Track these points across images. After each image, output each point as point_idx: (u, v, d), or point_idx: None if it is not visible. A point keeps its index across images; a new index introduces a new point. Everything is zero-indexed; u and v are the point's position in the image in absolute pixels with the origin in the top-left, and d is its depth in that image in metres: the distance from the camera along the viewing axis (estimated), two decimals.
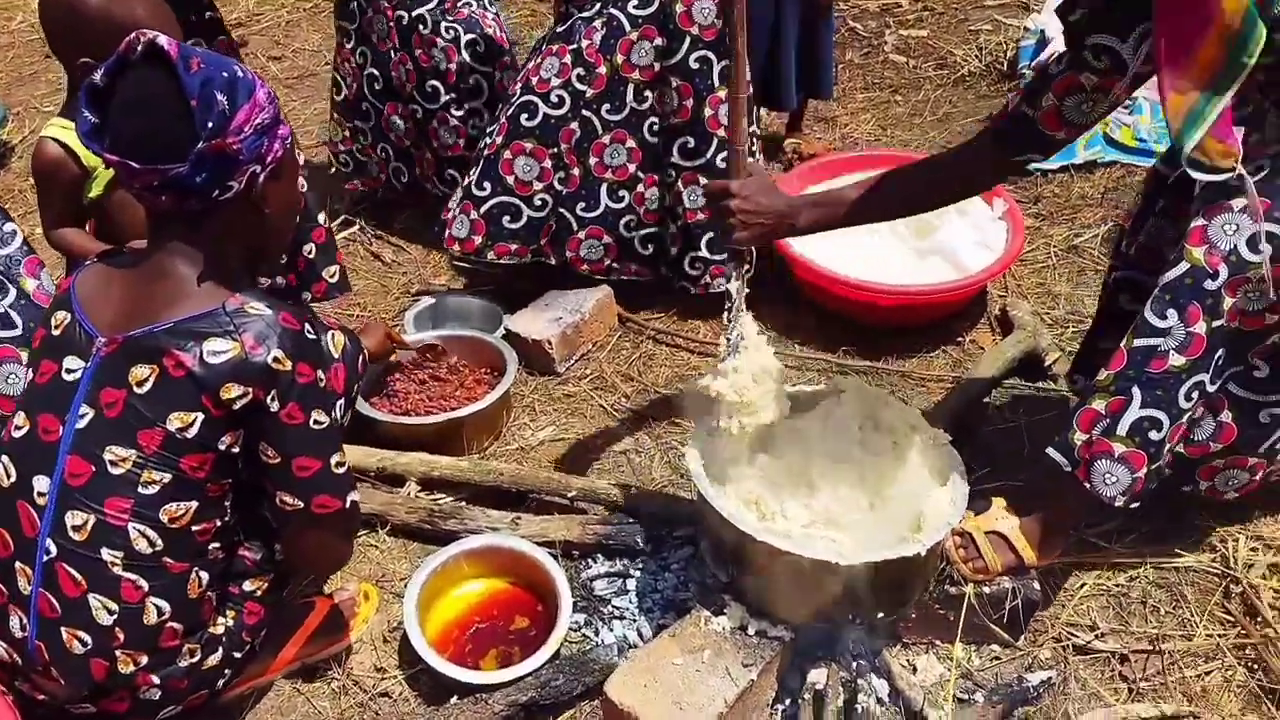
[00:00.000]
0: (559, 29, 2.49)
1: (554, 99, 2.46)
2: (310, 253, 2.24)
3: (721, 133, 2.45)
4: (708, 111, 2.45)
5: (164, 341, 1.36)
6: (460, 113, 2.84)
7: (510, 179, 2.50)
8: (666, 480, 2.19)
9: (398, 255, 3.06)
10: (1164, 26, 1.37)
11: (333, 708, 1.75)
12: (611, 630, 1.84)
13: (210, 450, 1.40)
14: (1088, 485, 1.60)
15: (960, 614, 1.73)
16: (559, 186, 2.52)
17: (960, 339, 2.57)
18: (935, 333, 2.57)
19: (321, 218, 2.28)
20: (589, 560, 1.98)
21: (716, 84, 2.44)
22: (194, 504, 1.43)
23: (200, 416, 1.37)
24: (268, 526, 1.56)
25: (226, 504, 1.49)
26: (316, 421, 1.42)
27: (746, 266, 1.79)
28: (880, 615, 1.65)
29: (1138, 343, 1.51)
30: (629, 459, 2.27)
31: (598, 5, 2.44)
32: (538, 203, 2.52)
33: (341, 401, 1.63)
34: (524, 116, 2.48)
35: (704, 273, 2.60)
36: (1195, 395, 1.52)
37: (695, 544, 1.96)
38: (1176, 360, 1.50)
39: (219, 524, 1.48)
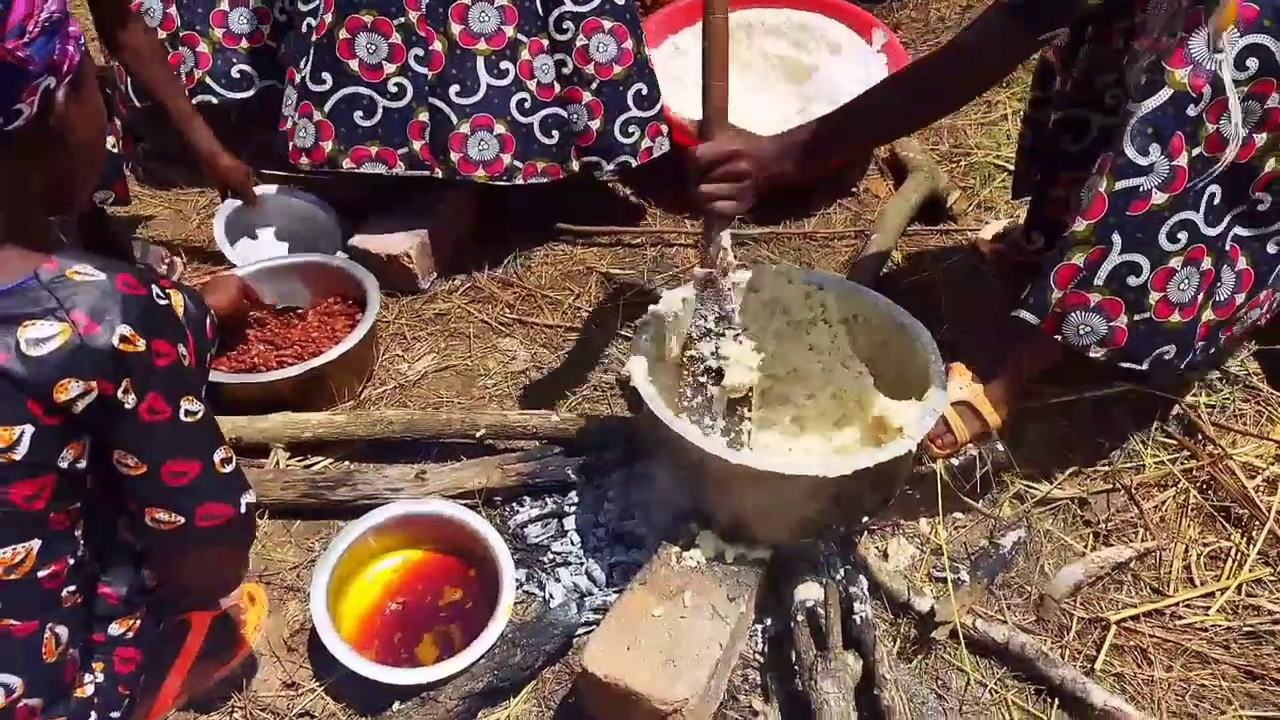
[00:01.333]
0: None
1: None
2: (114, 147, 1.91)
3: None
4: None
5: None
6: None
7: (353, 63, 1.98)
8: (580, 397, 1.93)
9: (189, 172, 2.50)
10: None
11: None
12: (559, 581, 1.61)
13: (48, 472, 1.05)
14: (1060, 339, 1.48)
15: (934, 492, 1.62)
16: (418, 66, 2.00)
17: (854, 189, 2.40)
18: (828, 186, 2.39)
19: None
20: (514, 505, 1.72)
21: None
22: (35, 544, 1.07)
23: (28, 430, 1.01)
24: (131, 549, 1.22)
25: (78, 534, 1.13)
26: (188, 412, 1.09)
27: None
28: (866, 519, 1.50)
29: (1119, 185, 1.36)
30: (529, 378, 1.99)
31: None
32: (393, 89, 2.01)
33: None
34: None
35: (641, 136, 2.14)
36: (1183, 237, 1.39)
37: (631, 463, 1.73)
38: (1159, 199, 1.37)
39: (71, 562, 1.13)
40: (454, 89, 2.02)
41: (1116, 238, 1.39)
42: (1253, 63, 1.32)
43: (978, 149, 2.48)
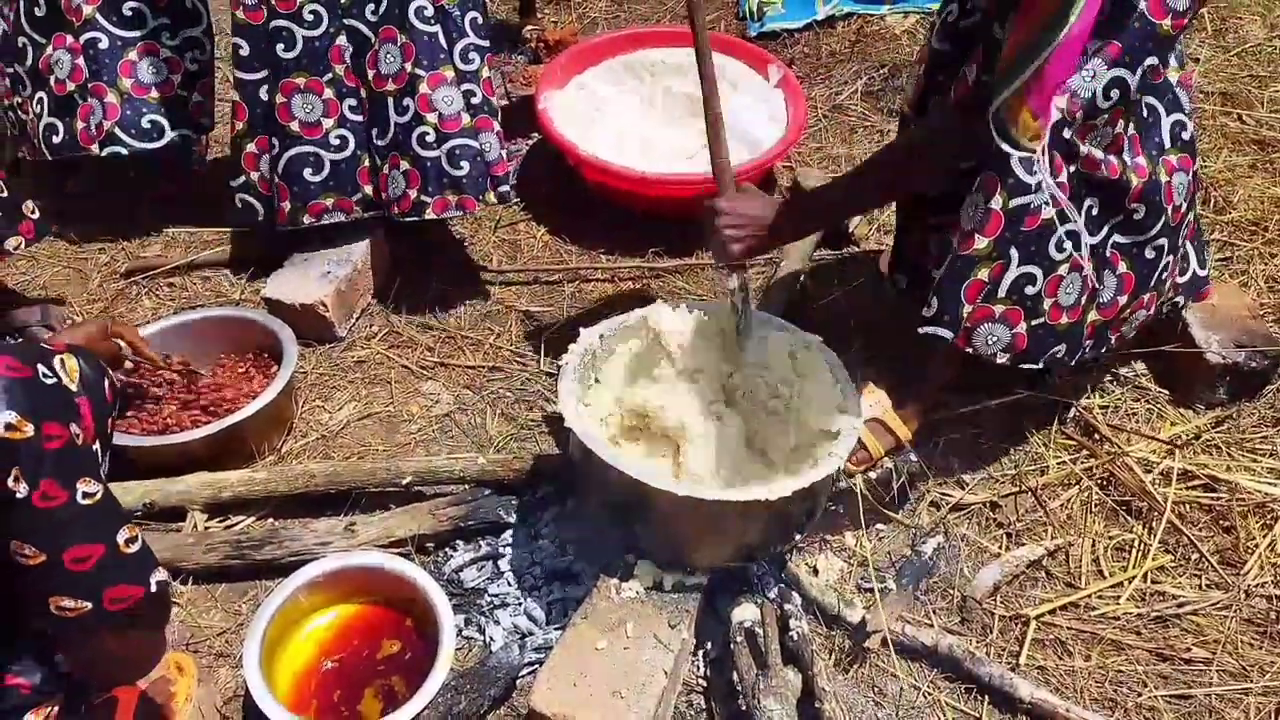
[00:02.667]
0: None
1: (308, 17, 1.99)
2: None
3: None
4: None
5: None
6: (175, 42, 2.25)
7: (294, 125, 2.05)
8: (506, 435, 1.93)
9: (86, 227, 2.42)
10: None
11: None
12: (498, 624, 1.60)
13: None
14: (970, 350, 1.56)
15: (855, 506, 1.67)
16: (352, 116, 2.08)
17: None
18: None
19: None
20: (448, 550, 1.71)
21: None
22: None
23: None
24: (40, 635, 1.15)
25: None
26: (86, 494, 1.03)
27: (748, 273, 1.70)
28: (797, 536, 1.55)
29: (1013, 203, 1.45)
30: (455, 421, 1.98)
31: None
32: (334, 142, 2.08)
33: (95, 448, 1.21)
34: (280, 48, 2.00)
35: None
36: (1068, 247, 1.50)
37: (563, 501, 1.75)
38: (1048, 213, 1.47)
39: None
40: (374, 132, 2.08)
41: (1014, 251, 1.49)
42: (1115, 93, 1.45)
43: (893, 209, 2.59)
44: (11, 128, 2.29)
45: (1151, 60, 1.46)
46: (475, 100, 2.09)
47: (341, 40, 2.04)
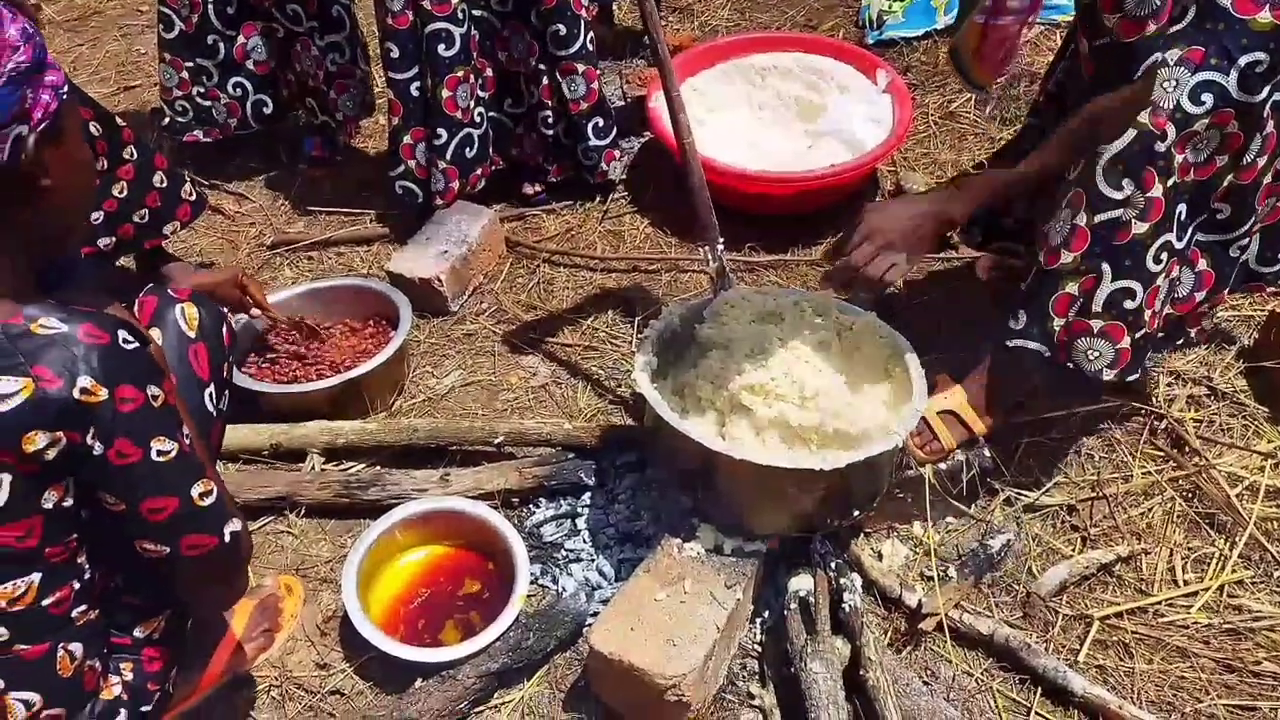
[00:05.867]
0: None
1: (459, 15, 2.25)
2: (161, 181, 2.09)
3: (584, 15, 2.37)
4: None
5: None
6: (322, 43, 2.53)
7: (458, 114, 2.34)
8: (594, 409, 2.06)
9: (240, 205, 2.71)
10: None
11: (277, 718, 1.56)
12: (571, 575, 1.72)
13: (34, 514, 1.09)
14: (1070, 365, 1.58)
15: (923, 496, 1.71)
16: (481, 93, 2.40)
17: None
18: (836, 216, 2.51)
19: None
20: (531, 506, 1.84)
21: None
22: (36, 576, 1.13)
23: (6, 478, 1.06)
24: (146, 561, 1.25)
25: (80, 560, 1.19)
26: (160, 453, 1.11)
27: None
28: (856, 513, 1.60)
29: (1099, 218, 1.47)
30: (549, 392, 2.12)
31: None
32: (477, 119, 2.40)
33: (211, 390, 1.38)
34: (441, 48, 2.25)
35: (598, 161, 2.52)
36: (1165, 256, 1.50)
37: (641, 469, 1.85)
38: (1140, 228, 1.48)
39: (77, 586, 1.18)
40: (507, 103, 2.48)
41: (1106, 266, 1.50)
42: (1207, 97, 1.44)
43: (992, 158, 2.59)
44: (178, 116, 2.61)
45: (1256, 57, 1.43)
46: (590, 88, 2.40)
47: (474, 31, 2.31)
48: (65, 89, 1.10)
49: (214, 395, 1.39)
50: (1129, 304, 1.53)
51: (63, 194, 1.12)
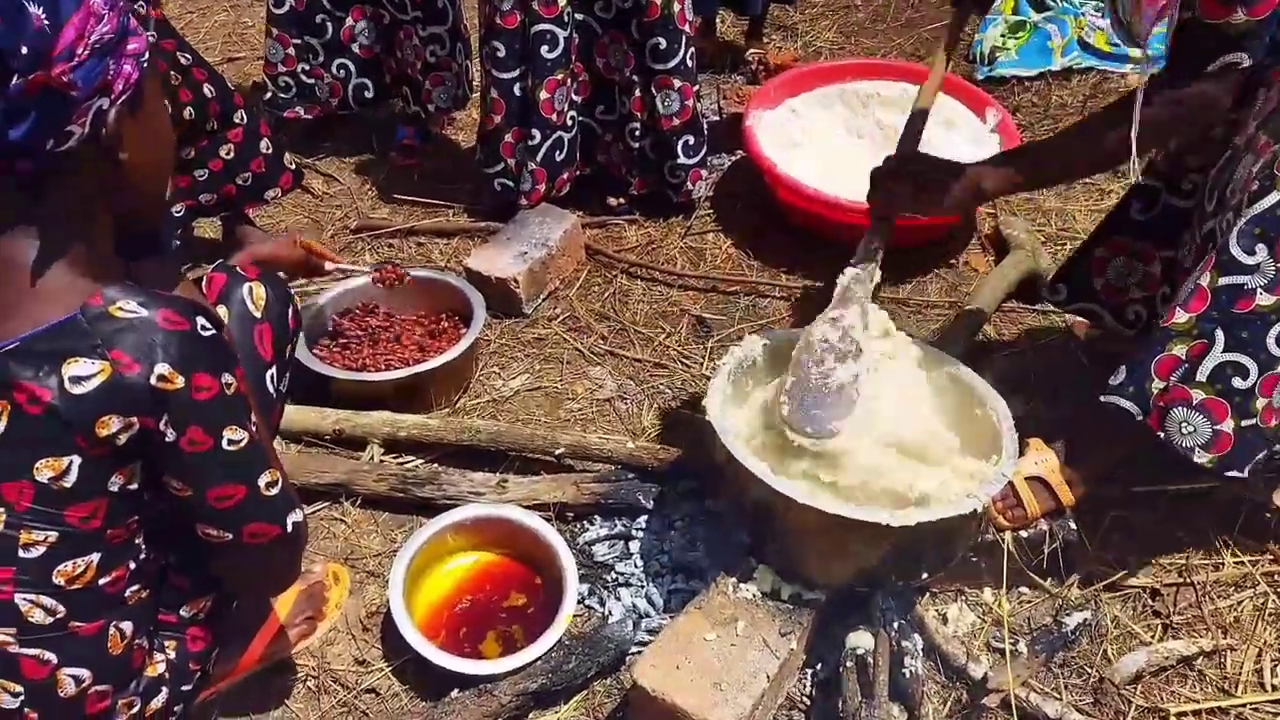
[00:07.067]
0: None
1: (564, 18, 2.24)
2: (267, 148, 2.18)
3: (687, 29, 2.32)
4: (676, 7, 2.26)
5: (10, 368, 1.01)
6: (424, 33, 2.53)
7: (553, 116, 2.35)
8: (659, 428, 2.00)
9: (329, 186, 2.74)
10: None
11: (311, 709, 1.55)
12: (619, 600, 1.67)
13: (100, 496, 1.09)
14: (1161, 434, 1.47)
15: (1000, 563, 1.62)
16: (575, 97, 2.39)
17: (954, 261, 2.43)
18: (926, 255, 2.42)
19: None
20: (585, 522, 1.80)
21: None
22: (95, 556, 1.12)
23: (76, 460, 1.05)
24: (198, 544, 1.25)
25: (138, 541, 1.18)
26: (231, 441, 1.10)
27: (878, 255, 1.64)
28: (925, 575, 1.52)
29: (1223, 281, 1.37)
30: (614, 407, 2.07)
31: None
32: (569, 123, 2.40)
33: (273, 371, 1.37)
34: (544, 49, 2.25)
35: (684, 180, 2.47)
36: None
37: (701, 498, 1.79)
38: (1265, 300, 1.37)
39: (133, 566, 1.18)
40: (599, 109, 2.45)
41: (1220, 334, 1.40)
42: None
43: (1084, 233, 2.47)
44: (281, 92, 2.64)
45: None
46: (684, 105, 2.35)
47: (575, 35, 2.29)
48: (146, 56, 1.06)
49: (275, 377, 1.39)
50: (1238, 382, 1.42)
51: (141, 169, 1.09)
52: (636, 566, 1.72)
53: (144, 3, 1.93)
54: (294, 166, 2.28)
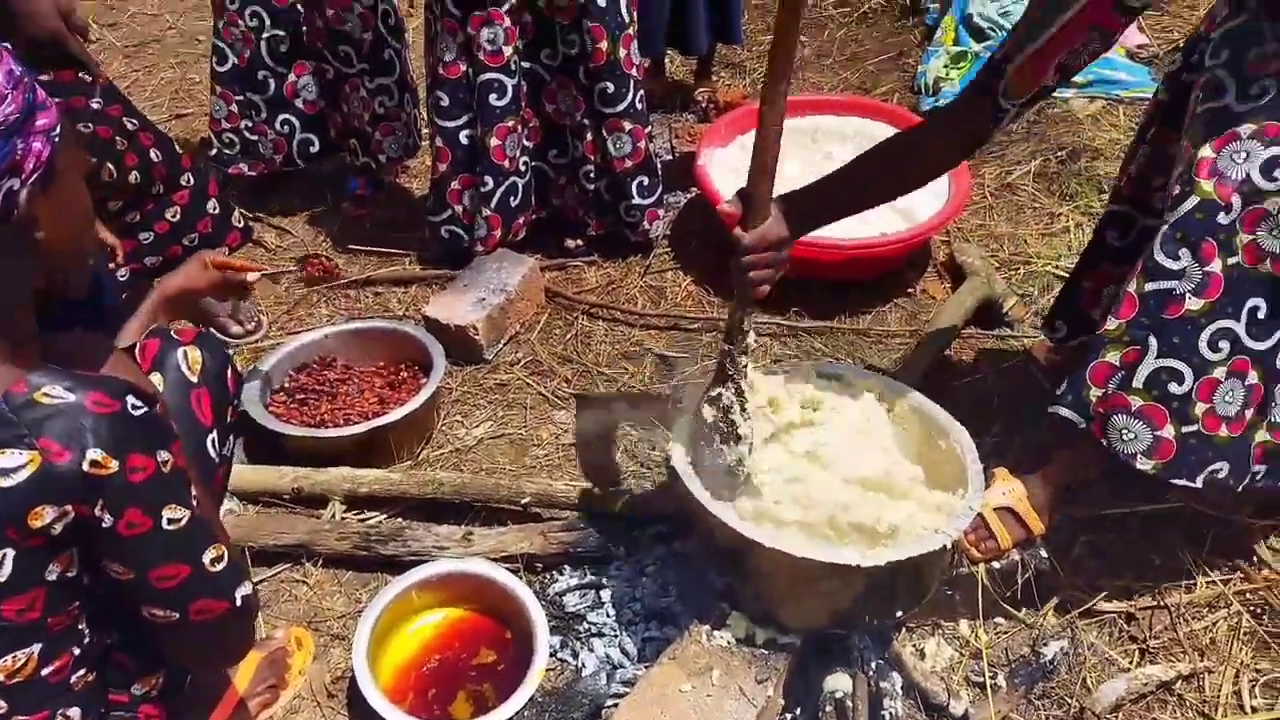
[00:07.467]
0: None
1: (511, 66, 2.25)
2: (214, 209, 2.18)
3: (635, 73, 2.34)
4: (622, 53, 2.27)
5: None
6: (372, 85, 2.53)
7: (505, 163, 2.34)
8: (627, 473, 1.98)
9: (281, 239, 2.70)
10: None
11: None
12: (592, 651, 1.63)
13: (37, 586, 1.04)
14: (1104, 442, 1.48)
15: (975, 595, 1.61)
16: (527, 142, 2.39)
17: (911, 290, 2.45)
18: (884, 285, 2.44)
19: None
20: (555, 572, 1.76)
21: (626, 21, 2.28)
22: (36, 648, 1.07)
23: (9, 553, 1.00)
24: (144, 623, 1.18)
25: (81, 627, 1.13)
26: (170, 520, 1.06)
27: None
28: (899, 613, 1.50)
29: (1149, 286, 1.39)
30: (581, 451, 2.05)
31: None
32: (522, 168, 2.39)
33: (214, 436, 1.33)
34: (492, 97, 2.25)
35: (641, 219, 2.47)
36: (1225, 347, 1.40)
37: (670, 541, 1.77)
38: (1194, 304, 1.38)
39: (77, 652, 1.13)
40: (552, 153, 2.44)
41: (1152, 340, 1.41)
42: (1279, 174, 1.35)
43: (1038, 258, 2.51)
44: (225, 148, 2.61)
45: None
46: (636, 146, 2.35)
47: (523, 82, 2.29)
48: (58, 130, 1.02)
49: (217, 441, 1.35)
50: (1174, 388, 1.42)
51: (59, 244, 1.04)
52: (609, 615, 1.68)
53: (84, 73, 1.91)
54: (242, 224, 2.26)
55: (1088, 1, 1.32)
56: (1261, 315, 1.41)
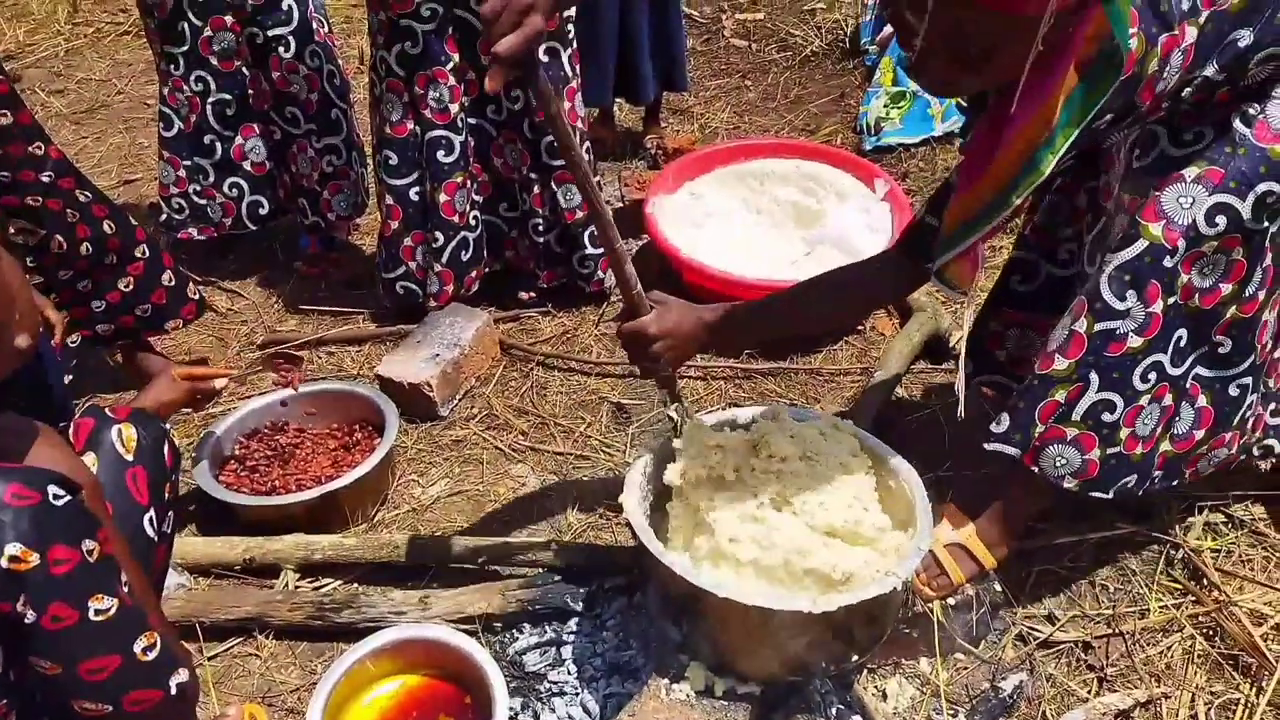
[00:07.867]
0: (411, 48, 2.20)
1: (458, 123, 2.27)
2: (169, 280, 2.16)
3: (581, 125, 2.40)
4: (565, 104, 2.29)
5: None
6: (319, 145, 2.54)
7: (455, 218, 2.35)
8: (585, 524, 1.97)
9: (233, 301, 2.68)
10: (982, 128, 1.35)
11: None
12: (553, 711, 1.61)
13: None
14: (1036, 470, 1.52)
15: (930, 633, 1.61)
16: (477, 197, 2.41)
17: (861, 328, 2.48)
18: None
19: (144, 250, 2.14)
20: (514, 632, 1.74)
21: (569, 76, 2.31)
22: None
23: None
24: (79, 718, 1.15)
25: None
26: (98, 611, 1.04)
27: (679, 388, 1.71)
28: (855, 657, 1.50)
29: (1098, 327, 1.43)
30: (539, 506, 2.04)
31: (434, 7, 2.17)
32: (472, 222, 2.41)
33: (151, 515, 1.31)
34: (440, 154, 2.28)
35: (594, 269, 2.50)
36: (1153, 377, 1.46)
37: (629, 594, 1.76)
38: (1135, 342, 1.44)
39: None
40: (503, 206, 2.46)
41: (1094, 376, 1.46)
42: (1221, 220, 1.41)
43: (981, 291, 2.55)
44: (175, 214, 2.60)
45: (1271, 187, 1.40)
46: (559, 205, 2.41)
47: (470, 138, 2.31)
48: None
49: (155, 520, 1.33)
50: (1106, 416, 1.49)
51: None
52: (570, 673, 1.67)
53: (39, 143, 1.90)
54: (198, 297, 2.24)
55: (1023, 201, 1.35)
56: (1183, 344, 1.47)
